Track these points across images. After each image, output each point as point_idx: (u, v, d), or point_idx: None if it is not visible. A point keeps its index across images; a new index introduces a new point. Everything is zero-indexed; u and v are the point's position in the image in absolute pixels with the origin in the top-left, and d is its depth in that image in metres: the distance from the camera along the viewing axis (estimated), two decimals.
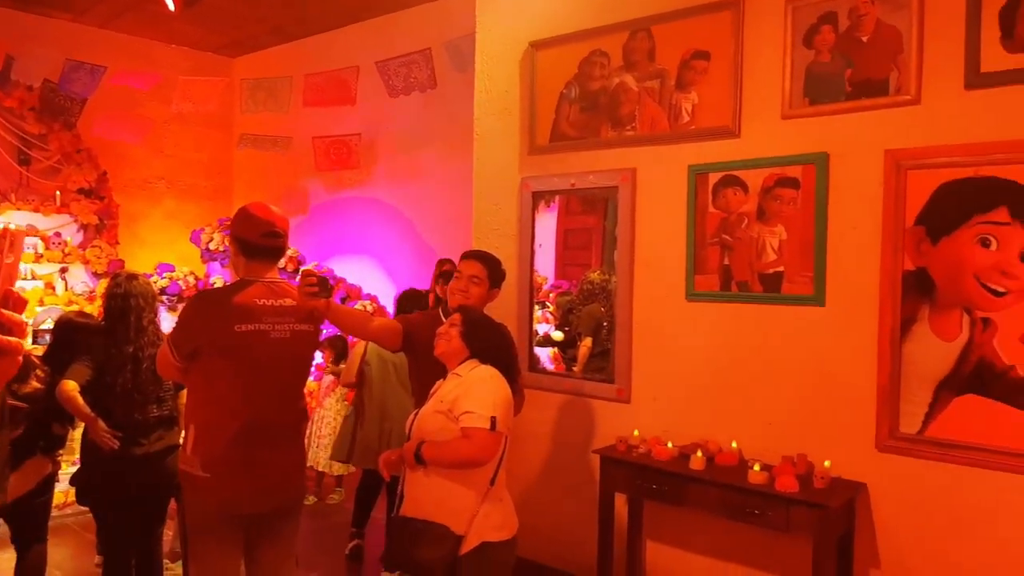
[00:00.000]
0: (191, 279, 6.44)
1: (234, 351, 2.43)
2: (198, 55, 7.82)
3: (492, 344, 2.64)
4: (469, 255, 3.12)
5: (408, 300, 4.33)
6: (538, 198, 4.08)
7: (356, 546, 4.39)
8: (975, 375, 2.76)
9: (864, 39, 3.00)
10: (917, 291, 2.87)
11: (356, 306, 6.00)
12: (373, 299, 6.24)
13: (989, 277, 2.71)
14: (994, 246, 2.70)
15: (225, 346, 2.43)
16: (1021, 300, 2.66)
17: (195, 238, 6.90)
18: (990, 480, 2.74)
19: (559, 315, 4.51)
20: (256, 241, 2.53)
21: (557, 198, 4.25)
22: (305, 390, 2.79)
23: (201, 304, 2.54)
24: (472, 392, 2.47)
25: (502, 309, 3.91)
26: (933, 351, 2.84)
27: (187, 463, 2.50)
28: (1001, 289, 2.70)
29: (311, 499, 5.32)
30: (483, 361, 2.57)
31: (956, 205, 2.78)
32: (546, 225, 4.34)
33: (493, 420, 2.41)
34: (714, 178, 3.41)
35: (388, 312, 5.82)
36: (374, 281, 6.63)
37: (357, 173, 6.79)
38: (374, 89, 6.06)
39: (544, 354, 4.43)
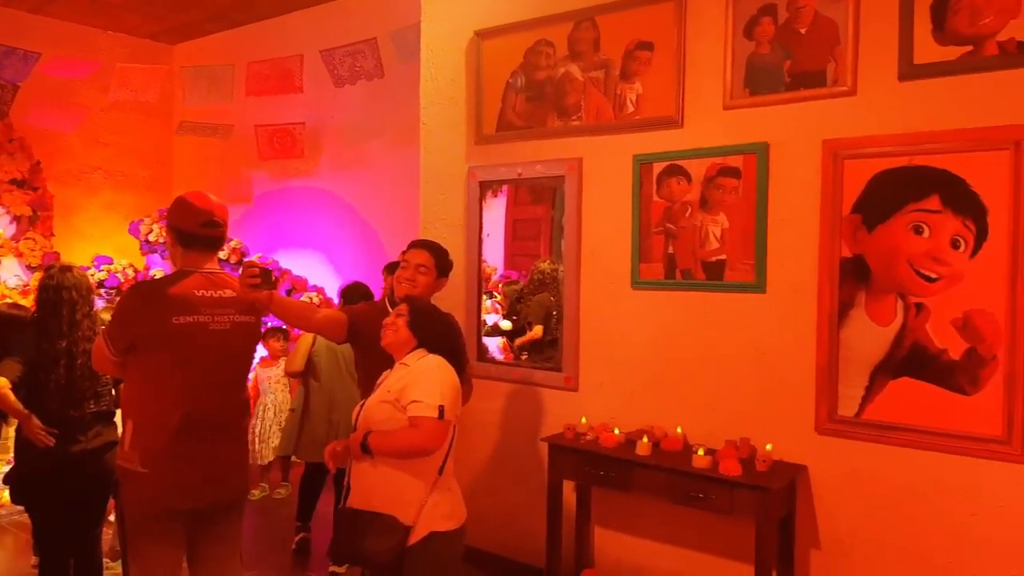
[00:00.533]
0: (130, 272, 6.26)
1: (172, 344, 2.37)
2: (136, 42, 7.59)
3: (439, 333, 2.62)
4: (416, 244, 3.10)
5: (353, 293, 4.27)
6: (485, 188, 4.07)
7: (303, 539, 4.33)
8: (909, 359, 2.85)
9: (802, 31, 3.06)
10: (854, 277, 2.95)
11: (302, 298, 5.91)
12: (319, 291, 6.15)
13: (922, 263, 2.80)
14: (926, 233, 2.79)
15: (163, 339, 2.37)
16: (952, 286, 2.75)
17: (134, 229, 6.72)
18: (922, 460, 2.83)
19: (506, 304, 4.52)
20: (194, 231, 2.47)
21: (505, 189, 4.25)
22: (248, 382, 2.74)
23: (137, 296, 2.47)
24: (420, 381, 2.45)
25: (450, 299, 3.89)
26: (869, 336, 2.92)
27: (125, 459, 2.44)
28: (933, 275, 2.79)
29: (257, 493, 5.23)
30: (431, 351, 2.56)
31: (890, 194, 2.86)
32: (494, 215, 4.33)
33: (441, 409, 2.40)
34: (658, 167, 3.44)
35: (335, 304, 5.75)
36: (320, 273, 6.54)
37: (303, 163, 6.69)
38: (318, 78, 5.97)
39: (493, 343, 4.43)
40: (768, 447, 3.06)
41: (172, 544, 2.47)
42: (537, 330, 4.25)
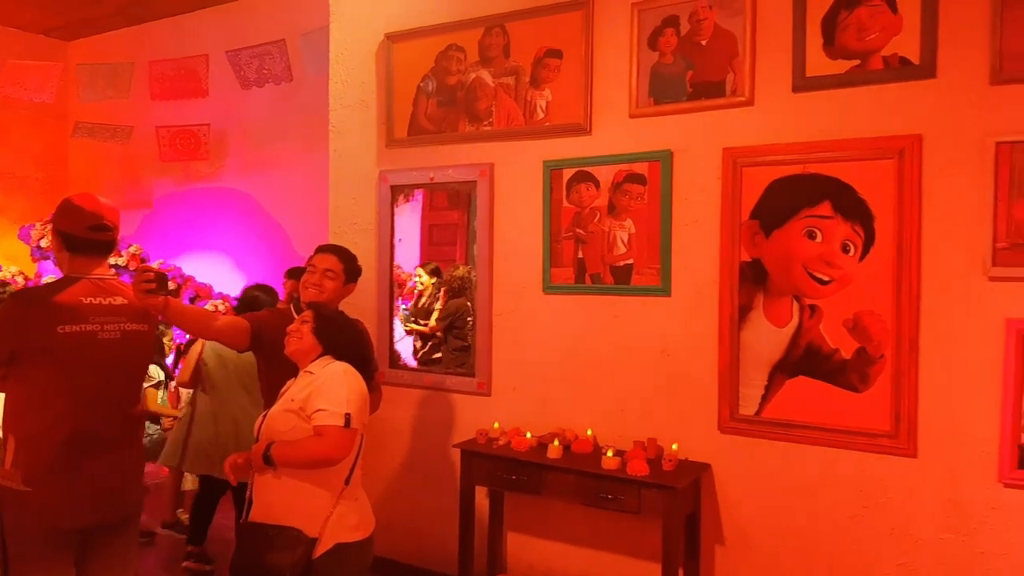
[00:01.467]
0: (20, 279, 5.91)
1: (57, 354, 2.24)
2: (29, 37, 7.19)
3: (346, 340, 2.57)
4: (324, 248, 3.03)
5: (250, 297, 4.04)
6: (397, 192, 4.03)
7: (195, 564, 4.10)
8: (805, 358, 2.97)
9: (703, 43, 3.15)
10: (753, 281, 3.06)
11: (207, 306, 5.70)
12: (225, 298, 5.95)
13: (815, 267, 2.93)
14: (819, 238, 2.92)
15: (47, 349, 2.24)
16: (843, 288, 2.89)
17: (24, 235, 6.35)
18: (818, 455, 2.96)
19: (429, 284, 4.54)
20: (81, 235, 2.34)
21: (420, 194, 4.21)
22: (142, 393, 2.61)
23: (18, 304, 2.32)
24: (325, 389, 2.39)
25: (362, 305, 3.84)
26: (767, 337, 3.03)
27: (6, 477, 2.28)
28: (826, 278, 2.92)
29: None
30: (337, 358, 2.50)
31: (786, 200, 2.98)
32: (408, 220, 4.29)
33: (347, 417, 2.35)
34: (568, 173, 3.49)
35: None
36: (227, 280, 6.33)
37: (207, 165, 6.47)
38: (224, 79, 5.79)
39: (406, 351, 4.39)
40: (674, 447, 3.13)
41: (58, 567, 2.32)
42: (432, 321, 4.29)
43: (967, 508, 2.72)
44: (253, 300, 3.97)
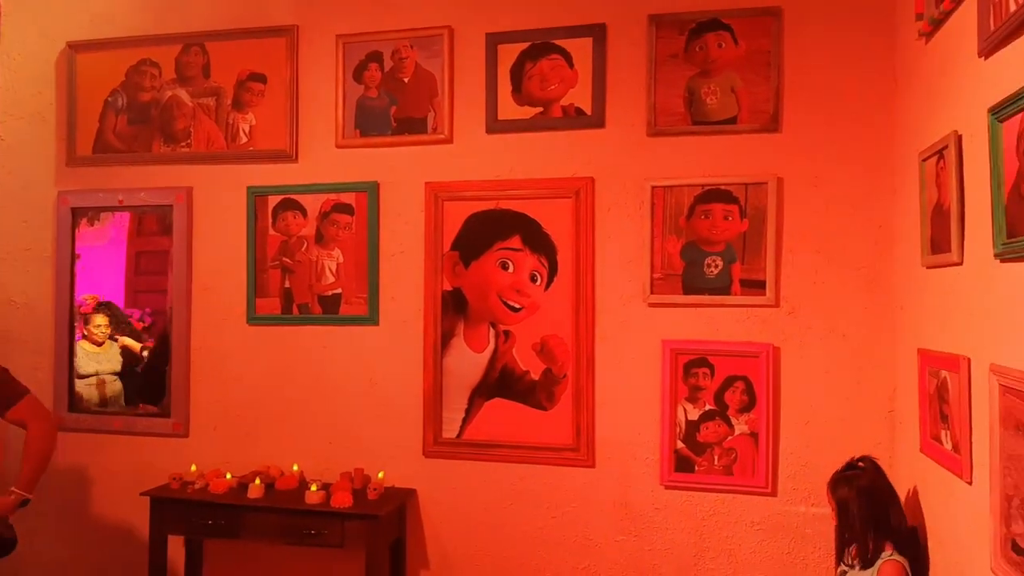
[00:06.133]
0: None
1: None
2: None
3: None
4: None
5: None
6: (79, 215, 3.64)
7: None
8: (500, 381, 3.15)
9: (405, 80, 3.27)
10: (454, 309, 3.20)
11: None
12: None
13: (508, 295, 3.14)
14: (511, 269, 3.14)
15: None
16: (532, 315, 3.12)
17: None
18: (512, 472, 3.14)
19: None
20: None
21: (125, 217, 3.82)
22: None
23: None
24: None
25: (35, 341, 3.42)
26: (468, 361, 3.18)
27: None
28: (517, 305, 3.14)
29: None
30: None
31: (482, 233, 3.17)
32: (107, 246, 3.87)
33: None
34: (273, 201, 3.41)
35: None
36: None
37: None
38: None
39: (89, 391, 3.93)
40: (380, 475, 3.15)
41: None
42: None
43: (636, 510, 3.05)
44: None
